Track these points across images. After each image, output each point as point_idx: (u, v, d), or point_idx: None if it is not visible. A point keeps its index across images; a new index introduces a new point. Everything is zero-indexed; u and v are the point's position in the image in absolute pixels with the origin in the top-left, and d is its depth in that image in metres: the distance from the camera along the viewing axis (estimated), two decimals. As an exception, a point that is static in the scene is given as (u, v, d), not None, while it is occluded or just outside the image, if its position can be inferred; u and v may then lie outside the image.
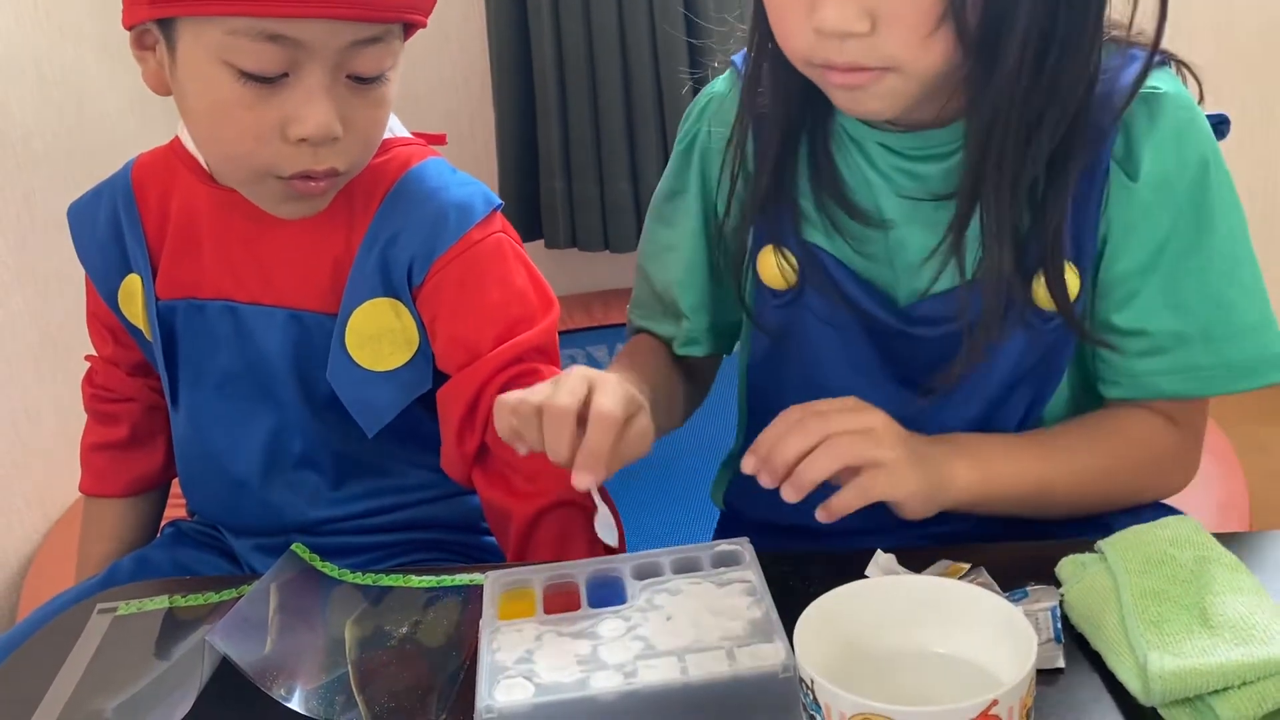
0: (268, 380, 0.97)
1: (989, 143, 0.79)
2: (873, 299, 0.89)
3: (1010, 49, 0.76)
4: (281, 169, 0.86)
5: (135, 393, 1.10)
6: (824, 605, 0.64)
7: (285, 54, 0.82)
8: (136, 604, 0.87)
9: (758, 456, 0.78)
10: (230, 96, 0.83)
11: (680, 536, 1.64)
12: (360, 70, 0.85)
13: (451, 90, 2.41)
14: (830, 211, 0.89)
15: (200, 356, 0.99)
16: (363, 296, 0.93)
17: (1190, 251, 0.82)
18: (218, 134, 0.87)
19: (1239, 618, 0.66)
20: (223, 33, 0.81)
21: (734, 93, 0.94)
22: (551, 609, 0.74)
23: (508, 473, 0.94)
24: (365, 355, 0.94)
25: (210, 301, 0.97)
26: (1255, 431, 2.10)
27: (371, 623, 0.81)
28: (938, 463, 0.81)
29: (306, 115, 0.83)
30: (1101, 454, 0.86)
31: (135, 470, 1.11)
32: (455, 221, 0.93)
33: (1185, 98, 0.83)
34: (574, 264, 2.48)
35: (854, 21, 0.75)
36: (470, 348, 0.93)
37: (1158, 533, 0.74)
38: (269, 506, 1.01)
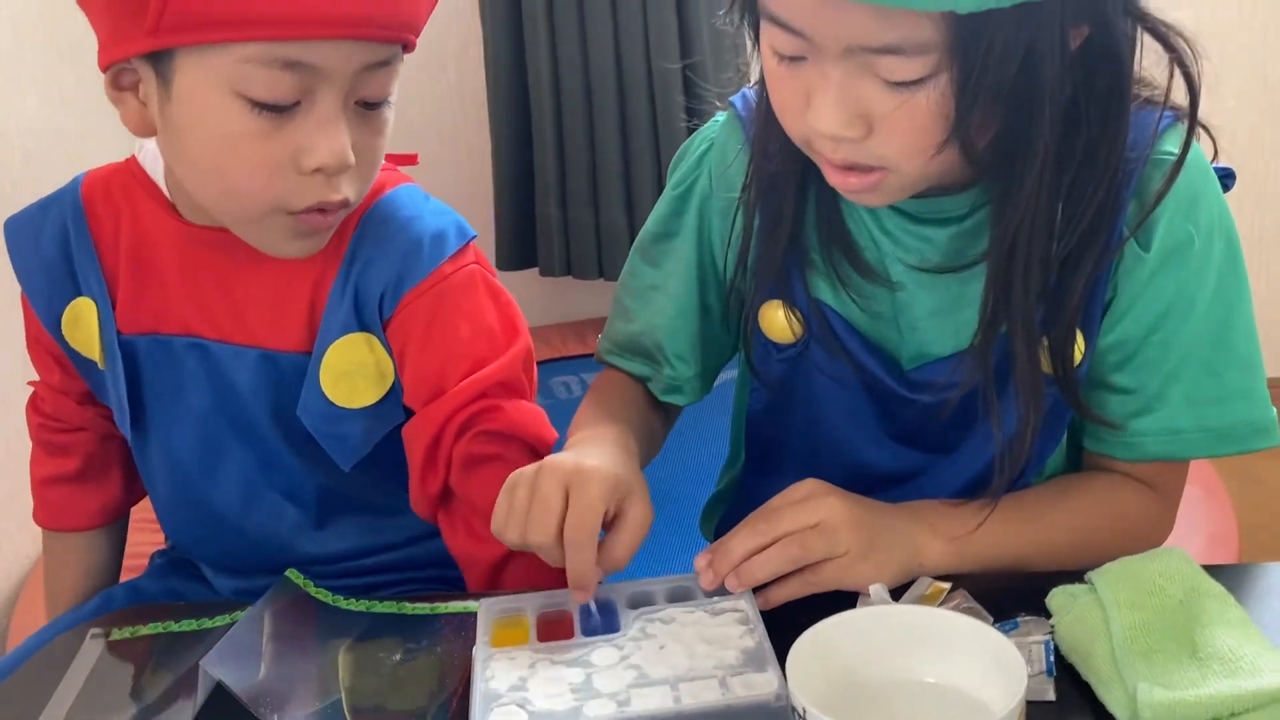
0: (242, 416, 0.94)
1: (1012, 266, 0.78)
2: (876, 359, 0.88)
3: (1029, 170, 0.74)
4: (294, 203, 0.82)
5: (87, 422, 1.04)
6: (816, 635, 0.65)
7: (300, 81, 0.78)
8: (130, 629, 0.86)
9: (709, 556, 0.78)
10: (241, 129, 0.79)
11: (671, 564, 1.64)
12: (369, 95, 0.83)
13: (448, 116, 2.43)
14: (838, 266, 0.87)
15: (167, 392, 0.95)
16: (336, 333, 0.90)
17: (1189, 317, 0.81)
18: (224, 170, 0.82)
19: (1227, 649, 0.66)
20: (234, 61, 0.77)
21: (733, 139, 0.92)
22: (545, 637, 0.75)
23: (470, 517, 0.91)
24: (340, 393, 0.91)
25: (176, 337, 0.93)
26: (1245, 463, 2.10)
27: (365, 649, 0.81)
28: (906, 537, 0.81)
29: (321, 144, 0.80)
30: (1079, 524, 0.85)
31: (94, 503, 1.06)
32: (428, 253, 0.90)
33: (1200, 163, 0.81)
34: (568, 291, 2.49)
35: (846, 127, 0.73)
36: (435, 385, 0.91)
37: (1147, 564, 0.74)
38: (250, 541, 0.98)
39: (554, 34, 2.23)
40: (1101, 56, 0.75)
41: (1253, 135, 2.23)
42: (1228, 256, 0.82)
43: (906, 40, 0.69)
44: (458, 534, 0.92)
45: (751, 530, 0.77)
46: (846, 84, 0.72)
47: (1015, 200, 0.76)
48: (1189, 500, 0.91)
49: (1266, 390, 0.84)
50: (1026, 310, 0.78)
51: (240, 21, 0.76)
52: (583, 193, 2.30)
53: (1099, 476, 0.88)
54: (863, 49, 0.70)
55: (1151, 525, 0.88)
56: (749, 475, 1.03)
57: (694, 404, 1.00)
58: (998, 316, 0.80)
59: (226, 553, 1.00)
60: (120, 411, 0.95)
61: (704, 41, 2.18)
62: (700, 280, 0.95)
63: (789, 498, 0.79)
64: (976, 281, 0.81)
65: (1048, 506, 0.86)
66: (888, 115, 0.73)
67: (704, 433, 1.90)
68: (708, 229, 0.94)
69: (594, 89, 2.24)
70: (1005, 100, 0.72)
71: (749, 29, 0.81)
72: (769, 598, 0.77)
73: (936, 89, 0.71)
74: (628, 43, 2.20)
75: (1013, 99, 0.72)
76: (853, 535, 0.78)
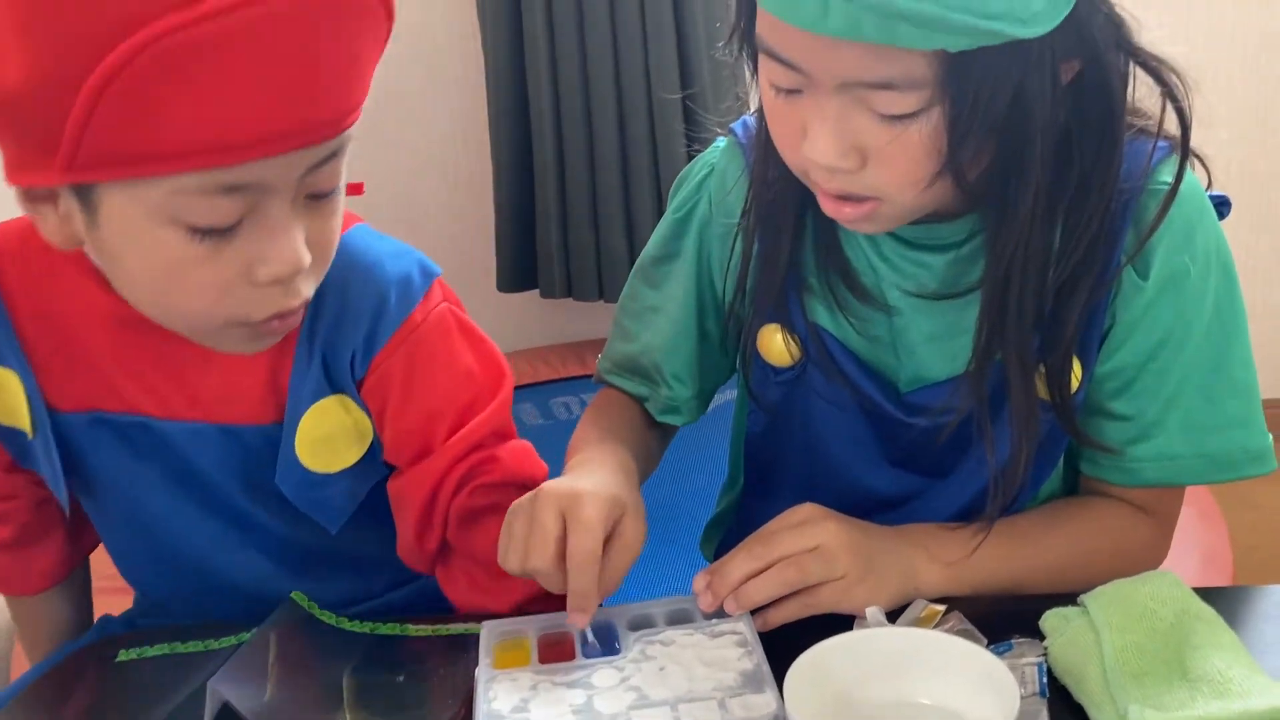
0: (206, 488, 0.88)
1: (1006, 295, 0.79)
2: (873, 383, 0.89)
3: (1023, 201, 0.75)
4: (251, 315, 0.75)
5: (17, 490, 0.95)
6: (813, 656, 0.66)
7: (243, 200, 0.70)
8: (137, 650, 0.87)
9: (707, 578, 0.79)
10: (182, 255, 0.71)
11: (672, 584, 1.65)
12: (319, 188, 0.74)
13: (450, 142, 2.44)
14: (836, 290, 0.88)
15: (116, 470, 0.88)
16: (308, 401, 0.85)
17: (1186, 344, 0.82)
18: (169, 293, 0.74)
19: (1217, 672, 0.67)
20: (166, 193, 0.68)
21: (733, 165, 0.94)
22: (546, 659, 0.75)
23: (473, 570, 0.89)
24: (319, 460, 0.86)
25: (119, 415, 0.86)
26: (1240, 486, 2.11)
27: (369, 670, 0.81)
28: (902, 561, 0.81)
29: (273, 255, 0.72)
30: (1074, 549, 0.86)
31: (39, 565, 0.99)
32: (396, 305, 0.85)
33: (1196, 192, 0.82)
34: (569, 313, 2.50)
35: (841, 159, 0.74)
36: (421, 442, 0.88)
37: (1139, 587, 0.75)
38: (228, 592, 0.92)
39: (554, 59, 2.24)
40: (1093, 90, 0.76)
41: (1245, 164, 2.25)
42: (1224, 285, 0.83)
43: (899, 76, 0.71)
44: (459, 588, 0.91)
45: (749, 554, 0.78)
46: (841, 117, 0.74)
47: (1009, 230, 0.77)
48: (1184, 522, 0.92)
49: (1263, 417, 0.85)
50: (1021, 339, 0.79)
51: (167, 155, 0.66)
52: (583, 216, 2.32)
53: (1095, 501, 0.89)
54: (857, 84, 0.72)
55: (1147, 550, 0.88)
56: (748, 497, 1.03)
57: (694, 424, 1.01)
58: (992, 344, 0.81)
59: (201, 606, 0.94)
60: (56, 484, 0.87)
61: (703, 71, 2.20)
62: (699, 303, 0.96)
63: (786, 521, 0.80)
64: (974, 307, 0.82)
65: (1043, 531, 0.86)
66: (881, 148, 0.74)
67: (704, 453, 1.90)
68: (707, 253, 0.95)
69: (594, 113, 2.26)
70: (997, 133, 0.73)
71: (748, 60, 0.82)
72: (768, 619, 0.78)
73: (929, 123, 0.72)
74: (628, 67, 2.22)
75: (1005, 132, 0.73)
76: (850, 559, 0.78)
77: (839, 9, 0.66)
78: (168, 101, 0.64)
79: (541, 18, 2.21)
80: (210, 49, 0.64)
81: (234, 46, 0.64)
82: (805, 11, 0.68)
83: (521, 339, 2.50)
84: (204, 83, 0.64)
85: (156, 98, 0.64)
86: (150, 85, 0.64)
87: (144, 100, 0.64)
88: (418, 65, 2.37)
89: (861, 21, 0.66)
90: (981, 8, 0.66)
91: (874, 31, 0.67)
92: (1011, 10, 0.67)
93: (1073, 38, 0.72)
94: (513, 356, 2.43)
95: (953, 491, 0.89)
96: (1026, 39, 0.68)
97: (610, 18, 2.19)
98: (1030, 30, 0.67)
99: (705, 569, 0.80)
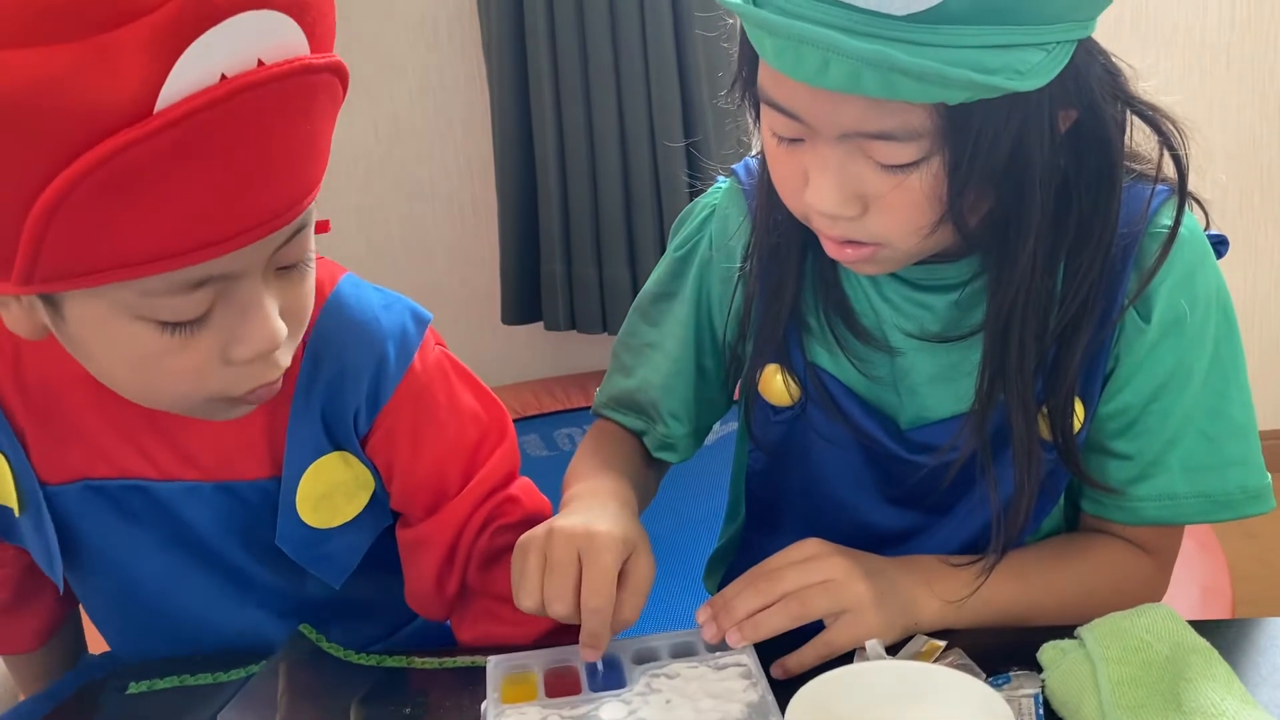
0: (203, 548, 0.87)
1: (1008, 340, 0.79)
2: (875, 422, 0.89)
3: (1023, 247, 0.76)
4: (232, 392, 0.73)
5: (6, 560, 0.94)
6: (815, 689, 0.66)
7: (211, 291, 0.68)
8: (147, 683, 0.88)
9: (711, 610, 0.80)
10: (153, 348, 0.69)
11: (675, 617, 1.66)
12: (288, 261, 0.72)
13: (456, 174, 2.46)
14: (836, 331, 0.89)
15: (108, 540, 0.87)
16: (309, 458, 0.84)
17: (1187, 386, 0.83)
18: (144, 381, 0.73)
19: (1210, 704, 0.68)
20: (132, 295, 0.66)
21: (735, 207, 0.94)
22: (552, 693, 0.76)
23: (494, 607, 0.90)
24: (320, 517, 0.86)
25: (110, 481, 0.84)
26: (1242, 517, 2.12)
27: (375, 703, 0.82)
28: (904, 594, 0.82)
29: (248, 335, 0.70)
30: (1074, 586, 0.86)
31: (31, 625, 0.99)
32: (396, 359, 0.85)
33: (1197, 236, 0.83)
34: (572, 345, 2.52)
35: (843, 206, 0.75)
36: (436, 490, 0.88)
37: (1135, 620, 0.76)
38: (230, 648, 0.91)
39: (559, 96, 2.26)
40: (1091, 139, 0.78)
41: (1244, 198, 2.27)
42: (1224, 327, 0.84)
43: (899, 128, 0.72)
44: (479, 624, 0.91)
45: (755, 590, 0.79)
46: (843, 166, 0.75)
47: (1010, 277, 0.78)
48: (1184, 554, 0.92)
49: (1261, 457, 0.86)
50: (1023, 384, 0.80)
51: (127, 264, 0.64)
52: (586, 249, 2.33)
53: (1095, 539, 0.89)
54: (858, 134, 0.73)
55: (1146, 587, 0.89)
56: (750, 532, 1.04)
57: (697, 457, 1.01)
58: (995, 388, 0.81)
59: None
60: (48, 563, 0.86)
61: (706, 110, 2.21)
62: (697, 342, 0.97)
63: (791, 557, 0.81)
64: (976, 348, 0.83)
65: (1044, 568, 0.87)
66: (883, 196, 0.75)
67: (706, 486, 1.91)
68: (707, 292, 0.96)
69: (597, 148, 2.27)
70: (997, 181, 0.74)
71: (749, 109, 0.84)
72: (787, 668, 0.78)
73: (929, 171, 0.74)
74: (631, 102, 2.24)
75: (1004, 180, 0.74)
76: (856, 593, 0.79)
77: (839, 65, 0.68)
78: (122, 216, 0.62)
79: (546, 56, 2.23)
80: (161, 161, 0.61)
81: (188, 154, 0.62)
82: (806, 67, 0.69)
83: (526, 371, 2.52)
84: (160, 194, 0.62)
85: (110, 214, 0.62)
86: (102, 204, 0.61)
87: (97, 218, 0.62)
88: (425, 103, 2.40)
89: (861, 77, 0.68)
90: (979, 63, 0.67)
91: (874, 86, 0.68)
92: (1009, 64, 0.68)
93: (1070, 87, 0.73)
94: (517, 388, 2.44)
95: (954, 528, 0.90)
96: (1024, 90, 0.69)
97: (614, 56, 2.22)
98: (1028, 84, 0.69)
99: (709, 601, 0.81)
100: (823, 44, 0.67)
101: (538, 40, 2.22)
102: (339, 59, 0.67)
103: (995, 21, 0.67)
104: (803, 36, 0.68)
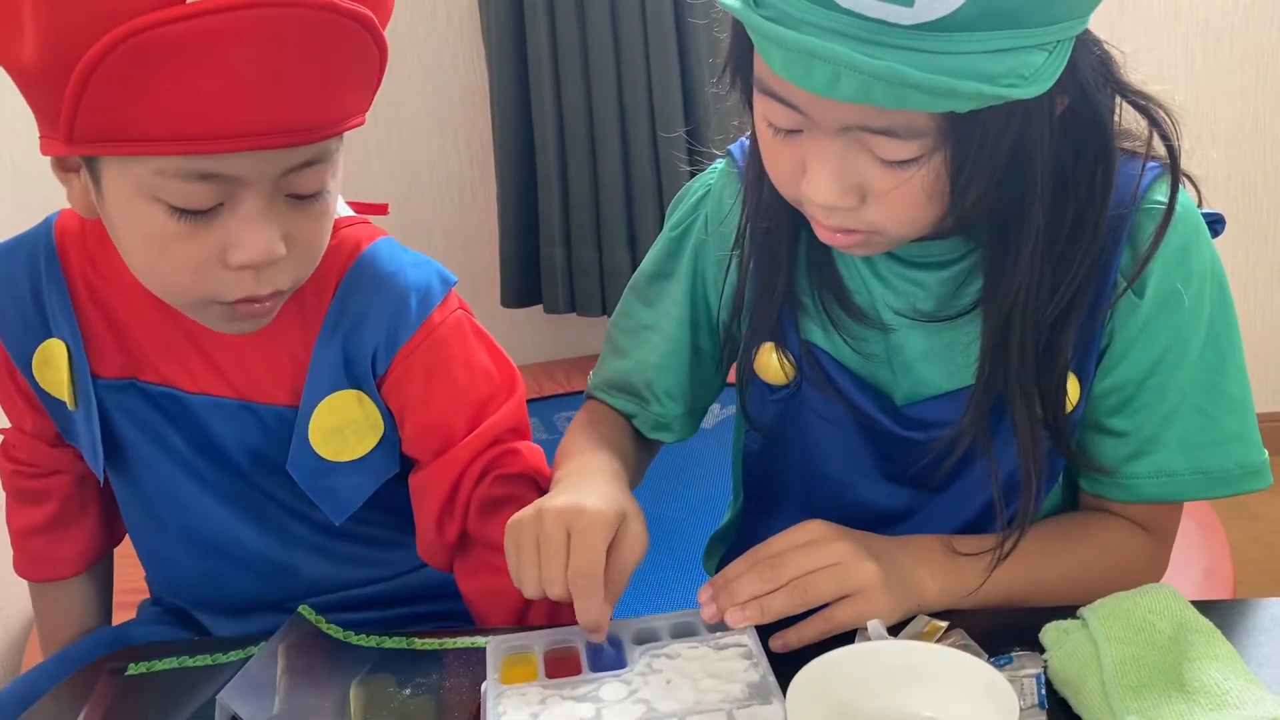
0: (224, 464, 0.95)
1: (1009, 334, 0.80)
2: (870, 399, 0.89)
3: (1024, 243, 0.76)
4: (223, 295, 0.81)
5: (62, 464, 1.03)
6: (816, 669, 0.66)
7: (218, 188, 0.77)
8: (145, 665, 0.88)
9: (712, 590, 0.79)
10: (163, 230, 0.78)
11: (675, 598, 1.66)
12: (299, 190, 0.80)
13: (455, 157, 2.46)
14: (830, 309, 0.89)
15: (145, 439, 0.95)
16: (325, 390, 0.91)
17: (1183, 362, 0.83)
18: (153, 265, 0.82)
19: (1214, 683, 0.68)
20: (149, 172, 0.76)
21: (729, 188, 0.94)
22: (553, 673, 0.76)
23: (493, 558, 0.92)
24: (329, 448, 0.92)
25: (154, 386, 0.93)
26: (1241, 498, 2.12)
27: (375, 684, 0.82)
28: (907, 576, 0.82)
29: (246, 242, 0.78)
30: (1075, 566, 0.86)
31: (72, 549, 1.06)
32: (416, 308, 0.91)
33: (1191, 212, 0.83)
34: (572, 328, 2.51)
35: (841, 198, 0.75)
36: (443, 435, 0.93)
37: (1138, 600, 0.76)
38: (243, 571, 0.98)
39: (558, 78, 2.26)
40: (1085, 127, 0.78)
41: (1247, 179, 2.26)
42: (1219, 303, 0.84)
43: (902, 125, 0.72)
44: (480, 575, 0.94)
45: (758, 575, 0.78)
46: (843, 158, 0.74)
47: (1010, 269, 0.78)
48: (1185, 535, 0.92)
49: (1258, 433, 0.86)
50: (1024, 374, 0.80)
51: (148, 137, 0.74)
52: (586, 232, 2.33)
53: (1094, 518, 0.89)
54: (860, 128, 0.73)
55: (1147, 565, 0.89)
56: (748, 515, 1.04)
57: (696, 439, 1.02)
58: (994, 379, 0.81)
59: (218, 589, 1.00)
60: (93, 454, 0.94)
61: (705, 90, 2.21)
62: (693, 321, 0.97)
63: (793, 540, 0.80)
64: (971, 324, 0.83)
65: (1045, 549, 0.86)
66: (882, 189, 0.75)
67: (705, 469, 1.91)
68: (702, 272, 0.96)
69: (597, 130, 2.27)
70: (999, 177, 0.74)
71: (742, 95, 0.83)
72: (788, 641, 0.78)
73: (931, 168, 0.73)
74: (630, 83, 2.24)
75: (1006, 175, 0.74)
76: (868, 568, 0.79)
77: (851, 79, 0.67)
78: (145, 89, 0.71)
79: (545, 38, 2.22)
80: (184, 47, 0.70)
81: (207, 47, 0.70)
82: (816, 80, 0.68)
83: (525, 354, 2.52)
84: (178, 77, 0.71)
85: (136, 85, 0.71)
86: (129, 74, 0.71)
87: (124, 86, 0.71)
88: (424, 85, 2.39)
89: (872, 89, 0.67)
90: (988, 71, 0.67)
91: (884, 98, 0.68)
92: (1014, 69, 0.68)
93: (1065, 77, 0.73)
94: (517, 371, 2.44)
95: (953, 506, 0.90)
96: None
97: (614, 38, 2.21)
98: (1033, 88, 0.68)
99: (711, 580, 0.80)
100: (836, 60, 0.67)
101: (537, 22, 2.22)
102: (369, 14, 0.75)
103: (1002, 26, 0.67)
104: (815, 52, 0.67)
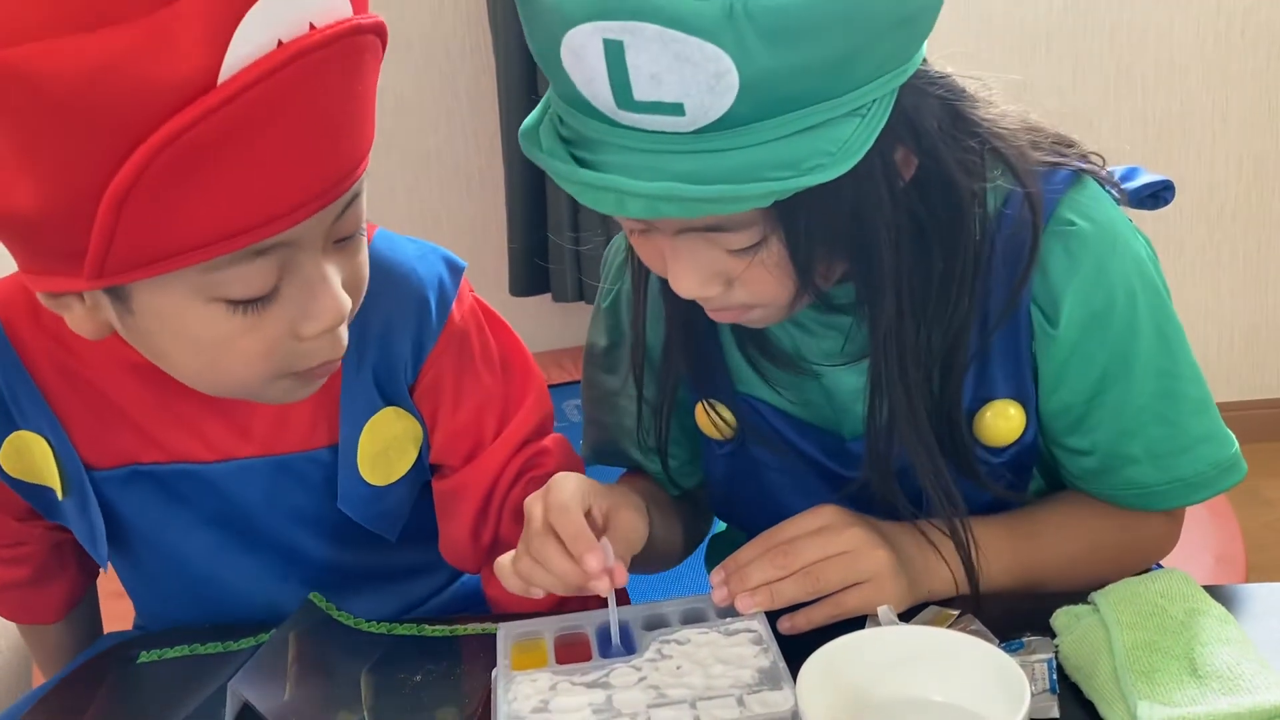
0: (250, 524, 0.89)
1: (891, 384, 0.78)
2: (814, 443, 0.88)
3: (886, 303, 0.75)
4: (299, 366, 0.74)
5: (30, 537, 0.95)
6: (826, 654, 0.66)
7: (276, 261, 0.69)
8: (157, 652, 0.88)
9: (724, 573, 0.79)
10: (226, 330, 0.70)
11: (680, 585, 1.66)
12: (345, 232, 0.73)
13: (462, 146, 2.46)
14: (758, 364, 0.87)
15: (154, 522, 0.88)
16: (364, 417, 0.85)
17: (1128, 376, 0.81)
18: (217, 366, 0.73)
19: (1226, 668, 0.68)
20: (197, 273, 0.67)
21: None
22: (563, 659, 0.76)
23: None
24: (378, 473, 0.87)
25: (160, 466, 0.85)
26: (1255, 484, 2.12)
27: (386, 671, 0.82)
28: (917, 562, 0.81)
29: (317, 310, 0.71)
30: (1085, 544, 0.86)
31: (54, 599, 1.00)
32: (437, 307, 0.86)
33: (1103, 225, 0.80)
34: (580, 316, 2.51)
35: (704, 287, 0.75)
36: (475, 438, 0.90)
37: (1149, 585, 0.76)
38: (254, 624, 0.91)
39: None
40: (934, 183, 0.75)
41: (1259, 165, 2.26)
42: (1155, 307, 0.81)
43: (726, 221, 0.71)
44: None
45: (770, 561, 0.78)
46: (693, 254, 0.74)
47: (878, 326, 0.77)
48: (1197, 521, 0.92)
49: (1223, 425, 0.85)
50: (916, 420, 0.79)
51: (199, 245, 0.64)
52: (594, 220, 2.33)
53: None
54: (689, 229, 0.72)
55: (1158, 540, 0.89)
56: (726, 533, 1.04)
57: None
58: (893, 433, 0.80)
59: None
60: (93, 544, 0.87)
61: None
62: (659, 378, 0.93)
63: (806, 525, 0.79)
64: None
65: (1053, 527, 0.86)
66: (740, 273, 0.74)
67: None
68: (644, 335, 0.92)
69: (605, 118, 2.27)
70: (843, 247, 0.73)
71: None
72: (795, 624, 0.78)
73: (771, 250, 0.72)
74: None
75: (851, 245, 0.73)
76: (881, 555, 0.78)
77: (635, 203, 0.66)
78: (193, 195, 0.62)
79: (552, 24, 2.22)
80: (227, 134, 0.61)
81: (254, 123, 0.62)
82: (607, 204, 0.68)
83: (534, 342, 2.50)
84: (227, 169, 0.62)
85: (181, 194, 0.62)
86: (173, 184, 0.61)
87: (168, 200, 0.62)
88: (431, 74, 2.39)
89: (659, 207, 0.66)
90: (789, 158, 0.65)
91: (674, 210, 0.66)
92: (819, 149, 0.65)
93: (903, 132, 0.71)
94: (525, 360, 2.44)
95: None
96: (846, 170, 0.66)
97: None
98: (843, 165, 0.66)
99: (723, 563, 0.80)
100: (611, 187, 0.66)
101: (544, 9, 2.21)
102: (380, 18, 0.68)
103: (789, 109, 0.64)
104: (590, 182, 0.67)
